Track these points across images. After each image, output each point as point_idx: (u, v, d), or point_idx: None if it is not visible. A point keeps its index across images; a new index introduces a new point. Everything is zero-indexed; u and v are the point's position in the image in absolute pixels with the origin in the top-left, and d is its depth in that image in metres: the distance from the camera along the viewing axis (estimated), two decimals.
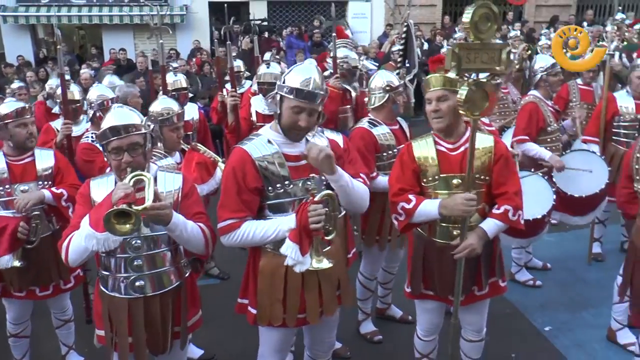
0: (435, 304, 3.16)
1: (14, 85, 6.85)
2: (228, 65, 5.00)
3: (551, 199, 4.10)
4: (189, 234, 2.58)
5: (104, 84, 5.26)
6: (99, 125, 2.85)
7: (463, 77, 2.54)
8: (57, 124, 4.67)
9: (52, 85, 6.13)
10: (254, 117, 5.16)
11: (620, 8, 13.61)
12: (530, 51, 9.54)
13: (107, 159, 2.68)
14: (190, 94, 5.89)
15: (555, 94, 5.25)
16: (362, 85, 5.80)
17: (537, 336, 4.26)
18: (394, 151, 3.70)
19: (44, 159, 3.48)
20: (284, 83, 2.58)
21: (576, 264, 5.36)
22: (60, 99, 4.94)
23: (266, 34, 13.28)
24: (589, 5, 16.20)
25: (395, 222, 3.02)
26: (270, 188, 2.62)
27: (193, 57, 12.26)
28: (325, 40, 12.46)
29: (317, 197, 2.52)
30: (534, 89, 4.88)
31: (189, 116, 5.07)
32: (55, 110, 5.72)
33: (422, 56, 10.84)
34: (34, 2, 14.35)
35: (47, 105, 6.26)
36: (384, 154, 3.74)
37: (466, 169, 2.75)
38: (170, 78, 5.26)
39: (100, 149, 2.72)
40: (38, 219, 3.36)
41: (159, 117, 3.67)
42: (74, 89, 5.01)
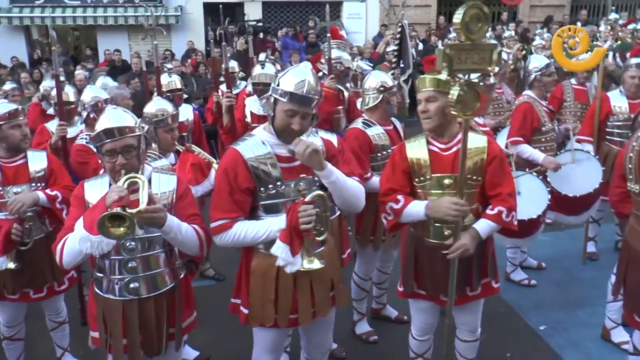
0: (428, 303, 3.17)
1: (7, 87, 6.79)
2: (223, 66, 5.00)
3: (546, 199, 4.10)
4: (184, 236, 2.57)
5: (97, 85, 5.25)
6: (93, 126, 2.85)
7: (454, 78, 2.54)
8: (52, 125, 4.64)
9: (47, 86, 6.11)
10: (248, 118, 5.15)
11: (613, 8, 13.70)
12: (524, 51, 9.57)
13: (101, 161, 2.67)
14: (184, 95, 5.87)
15: (550, 94, 5.27)
16: (357, 86, 5.81)
17: (532, 335, 4.28)
18: (388, 151, 3.69)
19: (37, 161, 3.46)
20: (278, 86, 2.57)
21: (571, 263, 5.38)
22: (54, 100, 4.93)
23: (261, 35, 13.28)
24: (583, 6, 16.24)
25: (384, 221, 3.05)
26: (262, 189, 2.62)
27: (188, 58, 12.24)
28: (320, 40, 12.46)
29: (308, 198, 2.53)
30: (528, 89, 4.89)
31: (184, 117, 5.08)
32: (50, 111, 5.70)
33: (417, 56, 10.87)
34: (28, 3, 14.29)
35: (42, 106, 6.24)
36: (378, 155, 3.75)
37: (458, 169, 2.76)
38: (164, 79, 5.26)
39: (95, 150, 2.72)
40: (31, 221, 3.35)
41: (154, 119, 3.67)
42: (68, 90, 4.98)
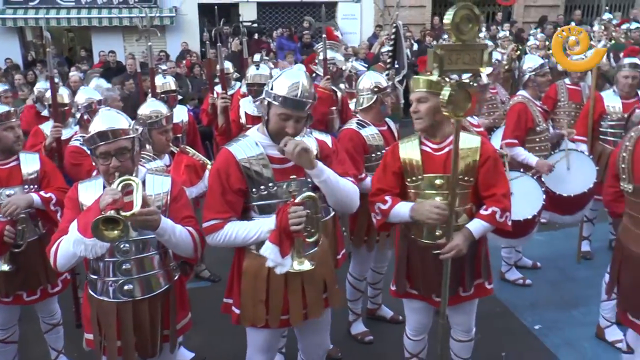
0: (421, 303, 3.17)
1: None
2: (218, 67, 4.99)
3: (541, 199, 4.11)
4: (178, 238, 2.57)
5: (90, 86, 5.23)
6: (86, 127, 2.84)
7: (445, 79, 2.55)
8: (46, 127, 4.62)
9: (41, 88, 6.09)
10: (243, 119, 5.15)
11: (607, 8, 13.74)
12: (519, 51, 9.61)
13: (95, 164, 2.65)
14: (179, 96, 5.86)
15: (544, 94, 5.29)
16: (352, 87, 5.82)
17: (527, 335, 4.29)
18: (382, 152, 3.66)
19: (30, 163, 3.44)
20: (272, 90, 2.56)
21: (566, 262, 5.40)
22: (49, 102, 4.92)
23: (256, 36, 13.27)
24: (577, 6, 16.30)
25: (374, 221, 3.07)
26: (254, 189, 2.62)
27: (182, 59, 12.23)
28: (315, 41, 12.47)
29: (298, 199, 2.53)
30: (523, 89, 4.90)
31: (178, 118, 5.07)
32: (45, 113, 5.68)
33: (412, 57, 10.87)
34: (21, 5, 14.25)
35: (37, 108, 6.22)
36: (373, 155, 3.75)
37: (450, 170, 2.76)
38: (159, 80, 5.25)
39: (88, 152, 2.71)
40: (24, 223, 3.33)
41: (148, 120, 3.67)
42: (62, 92, 4.96)
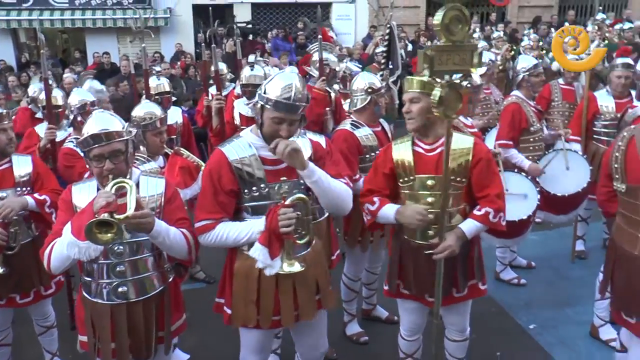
0: (415, 304, 3.17)
1: None
2: (212, 68, 4.98)
3: (536, 199, 4.13)
4: (172, 241, 2.57)
5: (84, 88, 5.22)
6: (80, 129, 2.83)
7: (436, 79, 2.57)
8: (40, 129, 4.62)
9: (35, 89, 6.07)
10: (237, 120, 5.14)
11: (600, 8, 13.77)
12: (513, 52, 9.63)
13: (89, 166, 2.64)
14: (173, 98, 5.85)
15: (537, 94, 5.30)
16: (346, 87, 5.83)
17: (522, 334, 4.30)
18: (376, 153, 3.67)
19: (22, 165, 3.42)
20: (265, 93, 2.57)
21: (560, 261, 5.41)
22: (42, 103, 4.91)
23: (250, 37, 13.27)
24: (571, 6, 16.35)
25: (365, 220, 3.11)
26: (246, 190, 2.63)
27: (177, 61, 12.21)
28: (310, 42, 12.48)
29: (288, 201, 2.54)
30: (517, 89, 4.93)
31: (173, 120, 5.06)
32: (39, 115, 5.67)
33: (406, 57, 10.90)
34: (15, 6, 14.17)
35: (32, 110, 6.19)
36: (367, 156, 3.76)
37: (442, 170, 2.78)
38: (153, 82, 5.24)
39: (82, 154, 2.70)
40: (17, 225, 3.31)
41: (142, 122, 3.65)
42: (56, 94, 4.94)
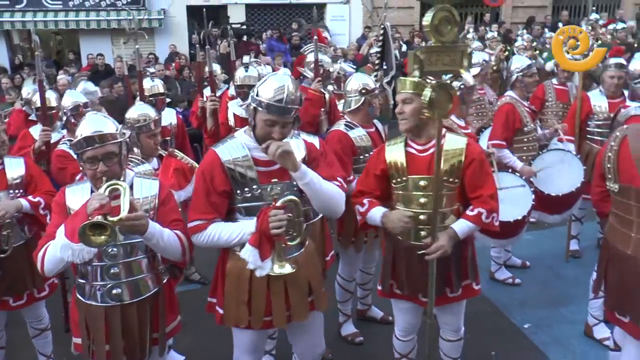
0: (409, 304, 3.18)
1: None
2: (207, 70, 4.98)
3: (530, 199, 4.14)
4: (166, 243, 2.57)
5: (78, 90, 5.20)
6: (73, 131, 2.82)
7: (426, 80, 2.57)
8: (34, 131, 4.60)
9: (29, 91, 6.05)
10: (232, 122, 5.14)
11: (594, 9, 13.82)
12: (507, 52, 9.64)
13: (82, 168, 2.64)
14: (168, 99, 5.83)
15: (531, 95, 5.32)
16: (340, 88, 5.84)
17: (517, 334, 4.31)
18: (370, 153, 3.68)
19: (14, 168, 3.41)
20: (257, 95, 2.57)
21: (554, 261, 5.44)
22: (35, 105, 4.90)
23: (245, 38, 13.26)
24: (564, 6, 16.41)
25: (358, 220, 3.14)
26: (238, 191, 2.64)
27: (171, 62, 12.19)
28: (304, 42, 12.48)
29: (279, 203, 2.55)
30: (510, 89, 4.94)
31: (167, 121, 5.05)
32: (33, 117, 5.64)
33: (400, 58, 10.91)
34: (8, 8, 14.10)
35: (26, 112, 6.17)
36: (361, 157, 3.76)
37: (434, 171, 2.79)
38: (147, 83, 5.22)
39: (75, 156, 2.70)
40: (9, 228, 3.30)
41: (136, 124, 3.65)
42: (50, 95, 4.90)
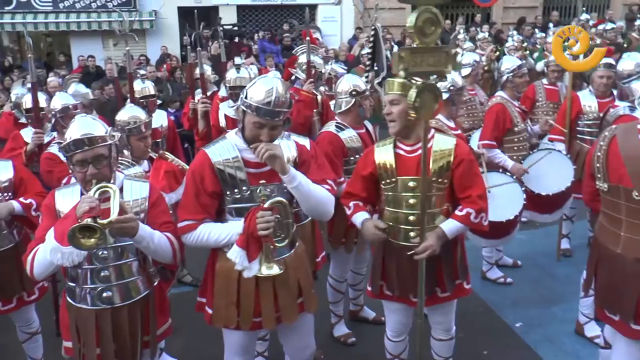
0: (399, 304, 3.18)
1: None
2: (198, 71, 4.97)
3: (522, 199, 4.16)
4: (156, 245, 2.56)
5: (69, 92, 5.18)
6: (62, 133, 2.81)
7: (411, 81, 2.58)
8: (25, 133, 4.58)
9: (18, 94, 6.00)
10: (223, 123, 5.12)
11: (584, 9, 13.92)
12: (498, 52, 9.68)
13: (72, 171, 2.62)
14: (159, 101, 5.82)
15: (522, 95, 5.35)
16: (331, 89, 5.84)
17: (509, 333, 4.33)
18: (361, 155, 3.68)
19: (2, 171, 3.38)
20: (247, 98, 2.57)
21: (546, 260, 5.46)
22: (26, 107, 4.88)
23: (236, 39, 13.23)
24: (555, 7, 16.51)
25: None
26: (228, 192, 2.64)
27: (162, 63, 12.14)
28: (295, 44, 12.47)
29: (267, 204, 2.55)
30: (501, 89, 4.97)
31: (158, 123, 5.03)
32: (22, 120, 5.61)
33: (391, 59, 10.90)
34: None
35: (16, 114, 6.13)
36: (351, 158, 3.76)
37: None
38: (138, 85, 5.20)
39: (64, 159, 2.68)
40: None
41: (126, 126, 3.62)
42: (39, 97, 4.89)
